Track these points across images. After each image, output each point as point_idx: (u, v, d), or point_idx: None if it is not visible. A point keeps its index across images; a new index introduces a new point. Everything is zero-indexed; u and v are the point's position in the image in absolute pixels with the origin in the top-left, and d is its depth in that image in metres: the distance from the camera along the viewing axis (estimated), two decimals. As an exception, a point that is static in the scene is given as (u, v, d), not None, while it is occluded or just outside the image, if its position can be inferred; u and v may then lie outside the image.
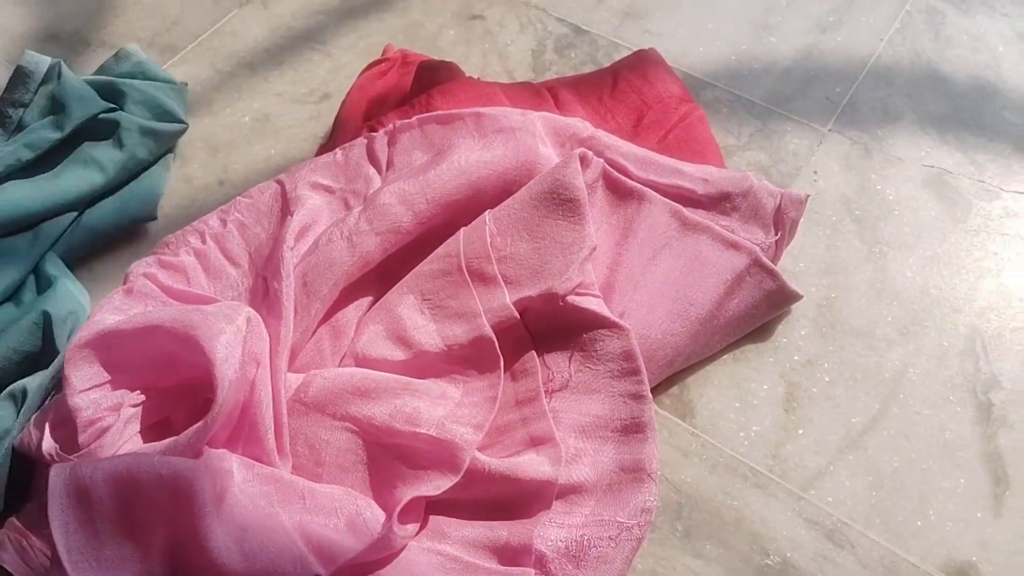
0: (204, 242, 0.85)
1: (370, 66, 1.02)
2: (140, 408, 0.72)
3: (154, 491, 0.63)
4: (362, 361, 0.76)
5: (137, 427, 0.71)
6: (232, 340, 0.69)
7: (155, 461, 0.64)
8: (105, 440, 0.69)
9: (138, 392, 0.73)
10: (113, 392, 0.72)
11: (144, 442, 0.71)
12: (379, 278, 0.81)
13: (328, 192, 0.86)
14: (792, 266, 0.88)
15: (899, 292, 0.87)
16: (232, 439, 0.71)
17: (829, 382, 0.82)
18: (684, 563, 0.72)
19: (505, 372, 0.77)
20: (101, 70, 1.01)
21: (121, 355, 0.72)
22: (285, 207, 0.85)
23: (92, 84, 0.96)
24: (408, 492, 0.68)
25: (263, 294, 0.78)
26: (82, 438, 0.69)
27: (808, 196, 0.86)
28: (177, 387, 0.74)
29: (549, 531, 0.69)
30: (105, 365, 0.72)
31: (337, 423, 0.71)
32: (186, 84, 1.04)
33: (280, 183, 0.87)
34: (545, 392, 0.76)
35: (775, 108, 1.01)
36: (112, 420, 0.71)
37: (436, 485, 0.68)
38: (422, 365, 0.75)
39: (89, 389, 0.71)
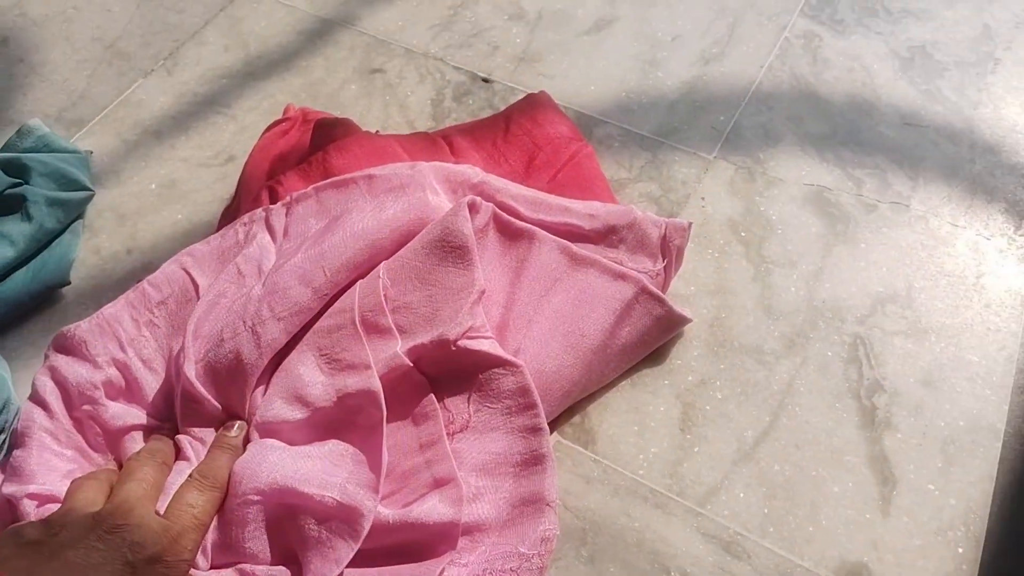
0: (124, 350, 0.84)
1: (271, 126, 1.06)
2: None
3: None
4: (263, 427, 0.77)
5: None
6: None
7: None
8: None
9: None
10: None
11: None
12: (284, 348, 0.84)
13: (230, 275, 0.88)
14: (684, 289, 0.92)
15: (785, 308, 0.91)
16: None
17: (722, 399, 0.86)
18: (589, 587, 0.75)
19: (407, 418, 0.79)
20: (5, 147, 1.03)
21: None
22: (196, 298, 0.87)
23: None
24: (316, 565, 0.70)
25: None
26: None
27: (691, 223, 0.90)
28: None
29: (452, 571, 0.71)
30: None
31: (238, 500, 0.73)
32: (90, 152, 1.06)
33: (188, 273, 0.88)
34: (447, 434, 0.79)
35: (664, 140, 1.06)
36: None
37: (337, 559, 0.70)
38: (320, 420, 0.78)
39: (40, 498, 0.74)
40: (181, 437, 0.79)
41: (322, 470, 0.73)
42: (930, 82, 1.12)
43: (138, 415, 0.82)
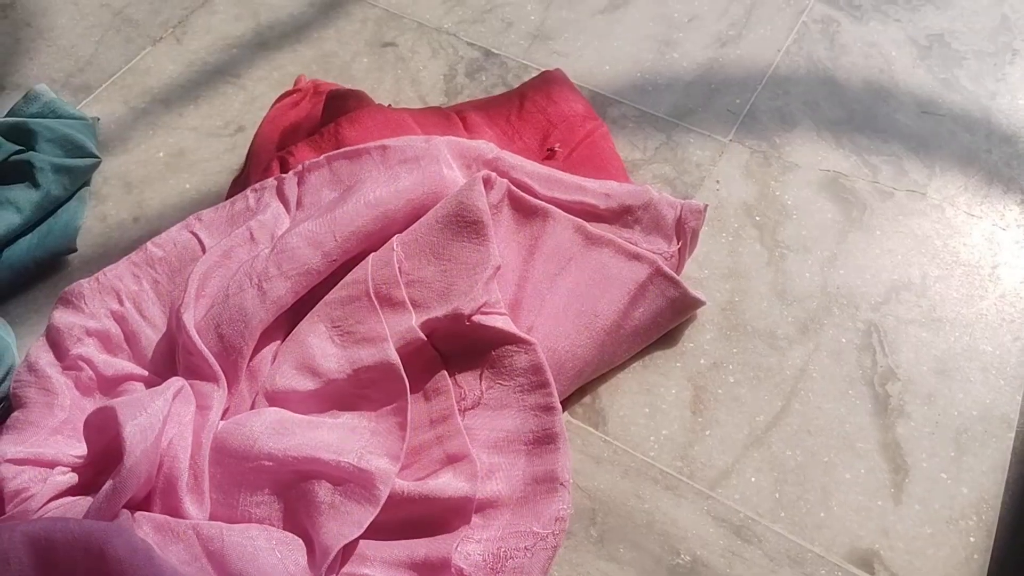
0: (122, 303, 0.84)
1: (282, 97, 1.04)
2: (67, 477, 0.73)
3: (70, 552, 0.63)
4: (272, 396, 0.77)
5: (61, 495, 0.72)
6: (146, 422, 0.70)
7: (70, 524, 0.64)
8: (29, 506, 0.70)
9: (66, 466, 0.74)
10: (40, 465, 0.73)
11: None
12: (292, 312, 0.82)
13: (241, 245, 0.87)
14: (697, 272, 0.92)
15: (799, 293, 0.91)
16: (149, 497, 0.72)
17: (734, 383, 0.85)
18: (598, 567, 0.74)
19: (418, 393, 0.78)
20: (11, 112, 1.01)
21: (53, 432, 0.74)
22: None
23: (1, 127, 0.97)
24: (331, 528, 0.69)
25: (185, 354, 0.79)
26: (8, 507, 0.69)
27: (707, 206, 0.89)
28: (102, 459, 0.74)
29: (467, 546, 0.71)
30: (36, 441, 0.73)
31: (251, 464, 0.72)
32: (97, 118, 1.05)
33: (195, 235, 0.87)
34: (459, 410, 0.78)
35: (679, 121, 1.05)
36: (37, 489, 0.71)
37: (357, 521, 0.69)
38: (332, 393, 0.77)
39: (18, 461, 0.72)
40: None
41: (339, 438, 0.73)
42: (948, 71, 1.11)
43: (133, 368, 0.81)
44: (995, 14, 1.18)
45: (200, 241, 0.87)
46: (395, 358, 0.75)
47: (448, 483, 0.71)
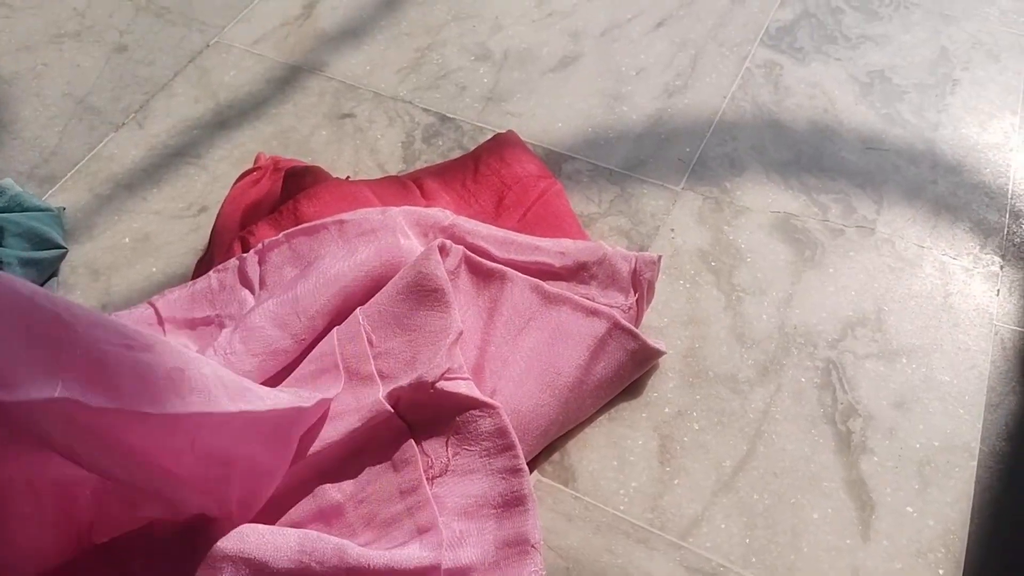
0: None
1: (243, 175, 1.06)
2: None
3: None
4: None
5: None
6: None
7: None
8: None
9: None
10: None
11: None
12: None
13: (204, 324, 0.88)
14: (657, 321, 0.93)
15: (757, 335, 0.92)
16: None
17: (699, 429, 0.86)
18: (574, 627, 0.75)
19: (387, 463, 0.80)
20: (-23, 209, 1.03)
21: None
22: (162, 328, 0.87)
23: None
24: None
25: None
26: None
27: (660, 256, 0.91)
28: None
29: (440, 616, 0.71)
30: None
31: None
32: (63, 208, 1.06)
33: (152, 305, 0.89)
34: (427, 479, 0.79)
35: (631, 173, 1.07)
36: None
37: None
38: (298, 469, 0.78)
39: None
40: None
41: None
42: (890, 105, 1.14)
43: None
44: (934, 46, 1.22)
45: (157, 312, 0.88)
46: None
47: (413, 553, 0.72)
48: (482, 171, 1.01)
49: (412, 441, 0.80)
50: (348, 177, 1.05)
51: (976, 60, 1.20)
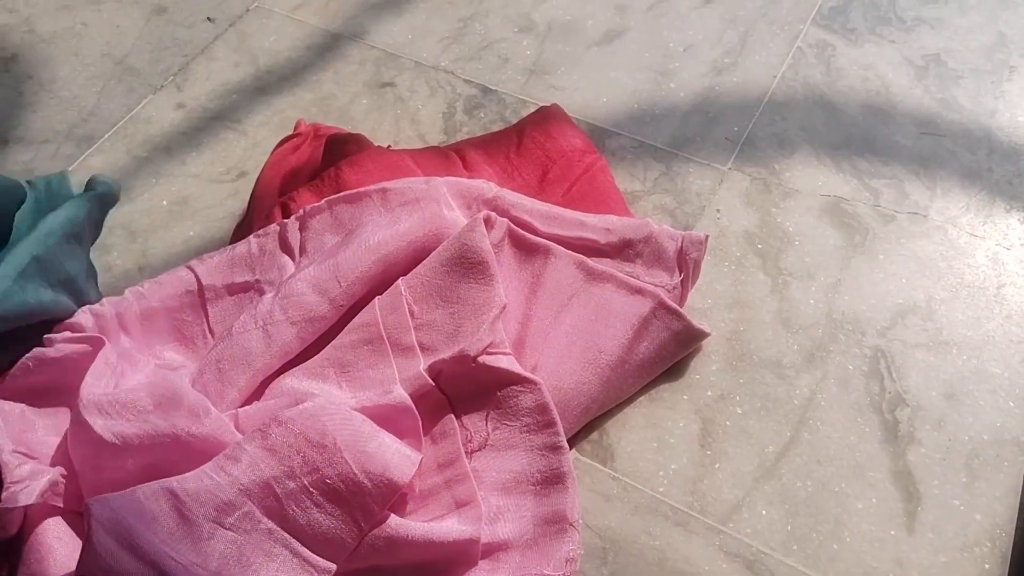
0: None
1: (283, 141, 1.05)
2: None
3: None
4: None
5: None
6: None
7: None
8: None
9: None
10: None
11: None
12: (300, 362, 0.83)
13: (243, 290, 0.87)
14: (700, 303, 0.91)
15: (804, 321, 0.90)
16: None
17: (742, 414, 0.85)
18: (611, 608, 0.74)
19: (425, 437, 0.78)
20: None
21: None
22: (202, 295, 0.86)
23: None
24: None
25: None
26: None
27: (708, 236, 0.89)
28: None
29: (477, 591, 0.71)
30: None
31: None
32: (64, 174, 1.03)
33: (192, 270, 0.88)
34: (465, 452, 0.78)
35: (677, 151, 1.05)
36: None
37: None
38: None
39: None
40: None
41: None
42: (945, 90, 1.11)
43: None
44: (991, 31, 1.18)
45: (197, 277, 0.87)
46: (406, 399, 0.76)
47: (452, 526, 0.71)
48: (526, 144, 0.99)
49: (452, 415, 0.79)
50: (389, 146, 1.04)
51: (1035, 46, 1.16)
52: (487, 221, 0.85)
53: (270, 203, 0.96)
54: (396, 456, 0.72)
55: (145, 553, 0.64)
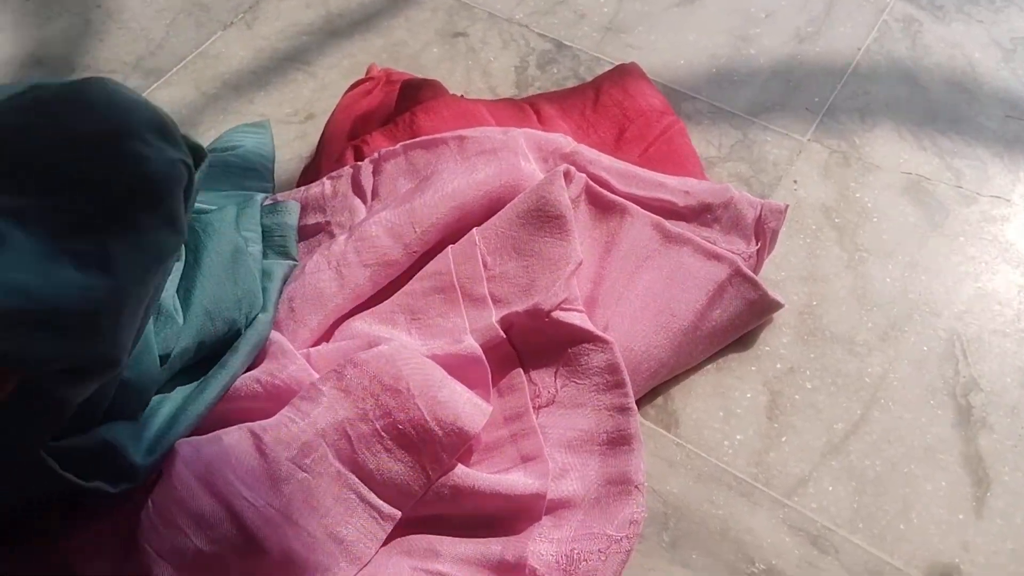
0: None
1: (354, 85, 1.04)
2: None
3: None
4: None
5: None
6: None
7: None
8: None
9: None
10: None
11: None
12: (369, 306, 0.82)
13: (314, 232, 0.86)
14: (774, 274, 0.90)
15: (879, 298, 0.88)
16: None
17: (811, 389, 0.83)
18: (671, 573, 0.73)
19: (492, 389, 0.78)
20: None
21: None
22: None
23: None
24: None
25: None
26: None
27: (788, 206, 0.87)
28: None
29: (540, 546, 0.70)
30: None
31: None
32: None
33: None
34: (533, 407, 0.77)
35: (755, 119, 1.03)
36: None
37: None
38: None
39: None
40: None
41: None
42: (1034, 74, 1.07)
43: None
44: (1083, 15, 1.14)
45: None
46: (477, 349, 0.75)
47: (519, 480, 0.71)
48: (603, 101, 0.98)
49: (520, 369, 0.78)
50: (463, 96, 1.02)
51: None
52: (566, 175, 0.83)
53: (341, 146, 0.95)
54: (467, 405, 0.72)
55: (220, 492, 0.64)
